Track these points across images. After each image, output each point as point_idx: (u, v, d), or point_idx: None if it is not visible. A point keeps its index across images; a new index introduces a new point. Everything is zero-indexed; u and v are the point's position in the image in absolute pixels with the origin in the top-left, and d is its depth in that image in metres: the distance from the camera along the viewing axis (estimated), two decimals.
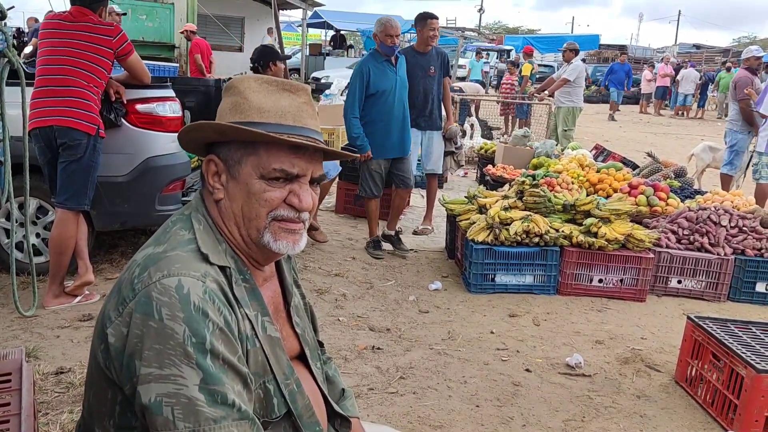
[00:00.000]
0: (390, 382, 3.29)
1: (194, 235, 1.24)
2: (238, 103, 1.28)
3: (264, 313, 1.29)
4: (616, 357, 3.74)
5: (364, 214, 6.35)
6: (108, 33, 3.77)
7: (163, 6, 15.62)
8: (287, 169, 1.25)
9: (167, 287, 1.11)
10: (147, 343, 1.09)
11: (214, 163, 1.29)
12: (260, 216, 1.26)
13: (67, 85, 3.67)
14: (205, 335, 1.09)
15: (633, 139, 15.04)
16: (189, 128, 1.28)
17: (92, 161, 3.75)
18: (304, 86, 1.34)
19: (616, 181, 6.00)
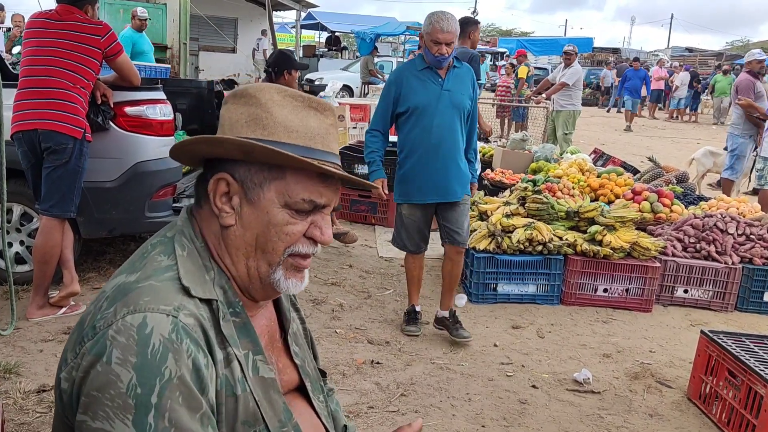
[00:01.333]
0: (390, 399, 3.14)
1: (175, 261, 1.07)
2: (260, 116, 1.10)
3: (256, 351, 1.12)
4: (625, 372, 3.60)
5: (361, 220, 6.22)
6: (96, 32, 3.61)
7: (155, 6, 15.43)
8: (315, 200, 1.10)
9: (128, 326, 0.94)
10: (86, 387, 0.93)
11: (226, 182, 1.11)
12: (277, 251, 1.11)
13: (52, 87, 3.50)
14: (154, 386, 0.91)
15: (629, 143, 14.95)
16: (200, 141, 1.09)
17: (78, 166, 3.58)
18: (330, 106, 1.17)
19: (617, 186, 5.87)
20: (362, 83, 17.33)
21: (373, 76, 16.58)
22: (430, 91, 3.63)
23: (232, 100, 1.14)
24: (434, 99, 3.62)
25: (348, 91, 18.46)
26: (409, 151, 3.71)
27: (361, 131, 10.59)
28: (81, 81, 3.57)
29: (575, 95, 9.45)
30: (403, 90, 3.66)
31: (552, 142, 9.36)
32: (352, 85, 18.76)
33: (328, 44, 27.32)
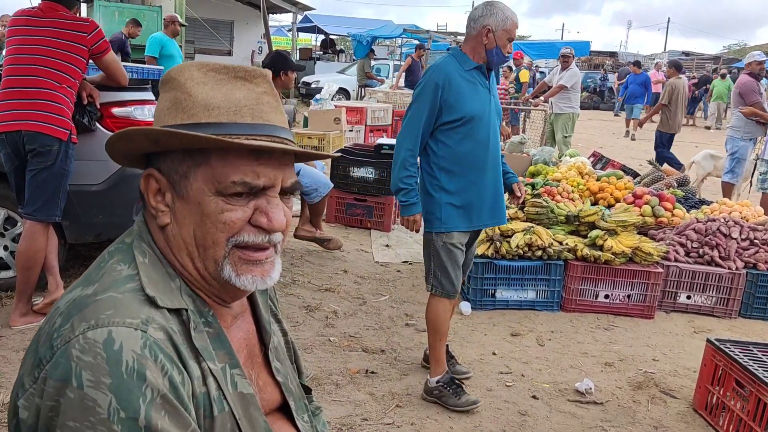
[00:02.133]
0: (385, 411, 3.02)
1: (136, 270, 0.95)
2: (179, 99, 0.98)
3: (233, 364, 1.00)
4: (628, 381, 3.49)
5: (356, 224, 6.10)
6: (82, 29, 3.49)
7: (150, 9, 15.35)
8: (250, 181, 0.96)
9: (92, 343, 0.83)
10: (61, 418, 0.81)
11: (155, 178, 1.00)
12: (218, 243, 0.97)
13: (37, 87, 3.38)
14: (139, 407, 0.81)
15: (628, 146, 14.87)
16: (116, 138, 0.98)
17: (64, 169, 3.46)
18: (262, 71, 1.03)
19: (617, 190, 5.76)
20: (359, 86, 17.24)
21: (369, 79, 16.48)
22: (482, 97, 3.04)
23: (161, 88, 1.03)
24: (486, 106, 3.05)
25: (344, 93, 18.36)
26: (461, 168, 3.03)
27: (357, 134, 10.50)
28: (67, 80, 3.45)
29: (574, 98, 9.37)
30: (452, 94, 2.97)
31: (550, 144, 9.27)
32: (348, 88, 18.66)
33: (323, 47, 27.23)
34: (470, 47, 3.06)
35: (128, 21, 10.94)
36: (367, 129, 10.67)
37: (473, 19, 3.06)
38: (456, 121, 2.98)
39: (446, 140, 3.03)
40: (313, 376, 3.23)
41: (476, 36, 3.03)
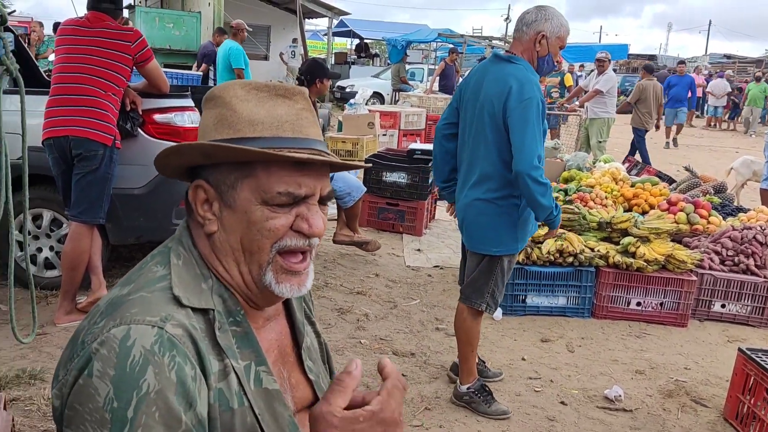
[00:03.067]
0: (414, 413, 3.07)
1: (169, 271, 1.03)
2: (225, 116, 1.06)
3: (259, 362, 1.07)
4: (658, 389, 3.48)
5: (388, 228, 6.17)
6: (127, 38, 3.63)
7: (190, 15, 15.69)
8: (293, 191, 1.03)
9: (112, 339, 0.91)
10: (69, 400, 0.91)
11: (203, 189, 1.07)
12: (263, 249, 1.05)
13: (83, 94, 3.53)
14: (130, 400, 0.88)
15: (664, 152, 14.65)
16: (167, 152, 1.06)
17: (108, 173, 3.60)
18: (300, 89, 1.11)
19: (652, 196, 5.72)
20: (393, 90, 17.32)
21: (403, 83, 16.56)
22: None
23: (205, 106, 1.11)
24: None
25: (379, 98, 18.47)
26: None
27: (391, 138, 10.57)
28: (112, 87, 3.60)
29: (609, 102, 9.29)
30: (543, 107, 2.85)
31: (585, 150, 9.21)
32: (382, 92, 18.77)
33: (358, 51, 27.40)
34: (520, 53, 2.93)
35: (215, 30, 11.01)
36: (401, 133, 10.73)
37: (526, 24, 2.91)
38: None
39: None
40: None
41: (528, 41, 2.91)
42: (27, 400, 2.88)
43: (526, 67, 2.89)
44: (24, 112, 2.11)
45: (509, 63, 2.92)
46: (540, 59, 2.92)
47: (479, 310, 3.08)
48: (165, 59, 13.48)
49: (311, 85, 4.84)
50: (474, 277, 3.09)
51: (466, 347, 3.17)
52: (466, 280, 3.16)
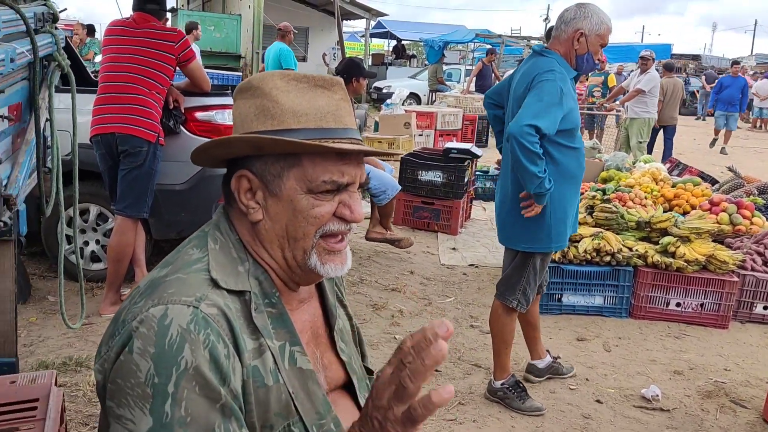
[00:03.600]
0: (448, 408, 3.09)
1: (206, 254, 1.08)
2: (266, 107, 1.09)
3: (293, 342, 1.11)
4: (697, 390, 3.43)
5: (423, 226, 6.19)
6: (171, 39, 3.73)
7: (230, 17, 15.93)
8: (337, 180, 1.08)
9: (150, 318, 0.96)
10: (112, 375, 0.95)
11: (247, 179, 1.11)
12: (308, 235, 1.09)
13: (129, 92, 3.64)
14: (170, 375, 0.92)
15: (709, 153, 14.33)
16: (211, 145, 1.11)
17: (152, 169, 3.71)
18: (337, 80, 1.14)
19: (693, 197, 5.61)
20: (429, 91, 17.33)
21: (440, 84, 16.55)
22: (578, 107, 2.94)
23: (240, 96, 1.13)
24: (579, 117, 2.95)
25: (415, 98, 18.49)
26: (564, 181, 2.88)
27: (427, 138, 10.58)
28: (156, 86, 3.71)
29: (651, 102, 9.13)
30: (568, 101, 2.80)
31: (625, 150, 9.07)
32: (419, 93, 18.79)
33: (395, 52, 27.46)
34: (561, 52, 2.90)
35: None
36: (437, 133, 10.74)
37: (564, 21, 2.88)
38: (567, 130, 2.83)
39: (561, 151, 2.87)
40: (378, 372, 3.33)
41: (567, 40, 2.88)
42: (73, 386, 2.99)
43: (558, 61, 2.87)
44: (74, 108, 2.20)
45: (541, 56, 2.93)
46: (579, 57, 2.88)
47: (510, 307, 3.08)
48: (206, 61, 13.70)
49: (347, 84, 4.90)
50: (507, 274, 3.10)
51: (499, 344, 3.18)
52: (501, 275, 3.18)
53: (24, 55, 1.76)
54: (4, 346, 2.01)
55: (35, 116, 1.96)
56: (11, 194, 1.71)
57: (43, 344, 3.42)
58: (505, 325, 3.14)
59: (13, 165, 1.85)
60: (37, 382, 1.53)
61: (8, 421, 1.40)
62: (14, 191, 1.75)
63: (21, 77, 1.97)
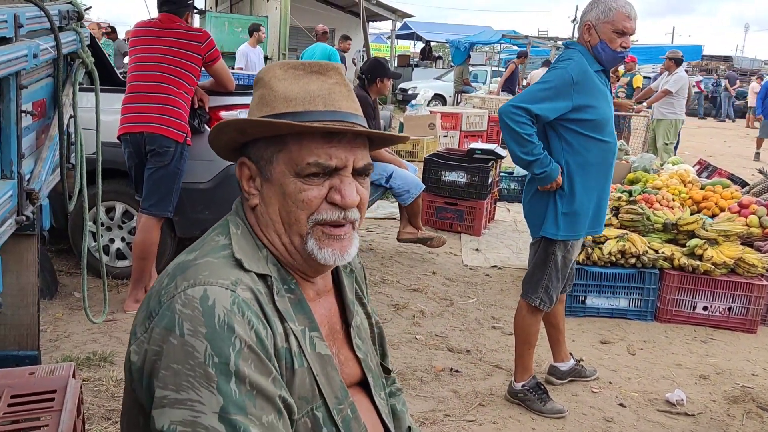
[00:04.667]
0: (468, 409, 3.07)
1: (230, 240, 1.10)
2: (264, 95, 1.13)
3: (312, 327, 1.12)
4: (723, 395, 3.36)
5: (446, 227, 6.16)
6: (197, 39, 3.77)
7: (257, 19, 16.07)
8: (323, 162, 1.07)
9: (191, 298, 0.97)
10: (164, 361, 0.95)
11: (246, 165, 1.14)
12: (300, 220, 1.10)
13: (157, 92, 3.69)
14: (229, 354, 0.94)
15: (739, 155, 14.05)
16: (214, 133, 1.13)
17: (178, 168, 3.75)
18: (335, 65, 1.16)
19: (723, 199, 5.49)
20: (455, 92, 17.27)
21: (466, 85, 16.48)
22: (609, 101, 2.91)
23: (254, 88, 1.17)
24: (611, 111, 2.94)
25: (441, 99, 18.45)
26: (582, 171, 2.87)
27: (452, 139, 10.55)
28: (184, 86, 3.74)
29: (678, 104, 8.98)
30: (587, 92, 2.80)
31: (652, 152, 8.94)
32: (444, 94, 18.74)
33: (422, 54, 27.45)
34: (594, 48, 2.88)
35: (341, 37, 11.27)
36: (462, 134, 10.70)
37: (581, 16, 2.95)
38: (587, 121, 2.82)
39: (571, 139, 2.87)
40: (398, 372, 3.32)
41: (582, 35, 2.91)
42: (96, 381, 3.03)
43: (582, 52, 2.88)
44: (98, 106, 2.23)
45: (567, 49, 3.01)
46: (594, 48, 2.87)
47: (534, 305, 3.04)
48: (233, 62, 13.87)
49: (372, 84, 4.90)
50: (530, 270, 3.08)
51: (522, 345, 3.14)
52: (526, 272, 3.15)
53: (47, 51, 1.79)
54: (27, 339, 2.04)
55: (59, 113, 1.99)
56: (34, 189, 1.74)
57: (68, 339, 3.48)
58: (529, 326, 3.10)
59: (36, 160, 1.88)
60: (56, 373, 1.55)
61: (26, 411, 1.42)
62: (37, 186, 1.78)
63: (45, 74, 2.01)
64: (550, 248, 2.96)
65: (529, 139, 2.77)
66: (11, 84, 1.60)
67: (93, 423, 2.71)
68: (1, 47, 1.50)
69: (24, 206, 1.71)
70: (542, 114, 2.77)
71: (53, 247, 4.66)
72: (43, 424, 1.36)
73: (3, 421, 1.40)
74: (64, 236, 4.37)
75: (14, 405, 1.46)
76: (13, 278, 1.97)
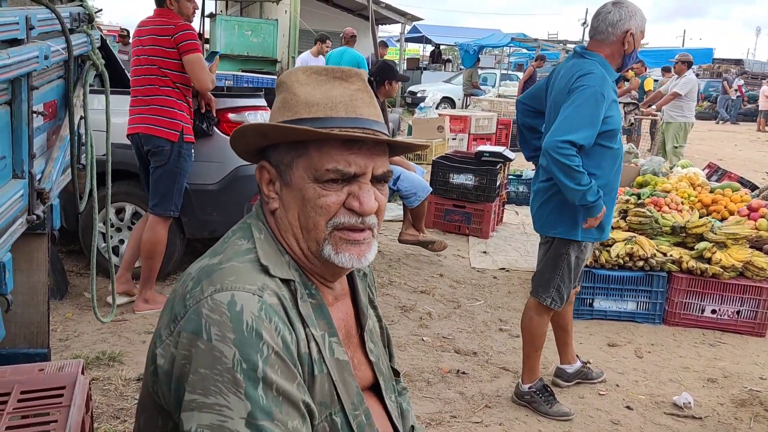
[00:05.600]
0: (474, 410, 3.07)
1: (254, 245, 1.10)
2: (286, 99, 1.13)
3: (332, 333, 1.13)
4: (730, 398, 3.34)
5: (454, 230, 6.17)
6: (167, 31, 3.63)
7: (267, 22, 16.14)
8: (342, 169, 1.08)
9: (219, 303, 0.98)
10: (193, 365, 0.96)
11: (266, 169, 1.15)
12: (318, 226, 1.10)
13: (149, 92, 3.69)
14: (257, 361, 0.95)
15: (749, 159, 13.96)
16: (235, 135, 1.14)
17: (178, 167, 3.73)
18: (357, 71, 1.16)
19: (732, 202, 5.47)
20: (464, 95, 17.27)
21: (475, 88, 16.48)
22: (619, 108, 2.97)
23: (276, 91, 1.18)
24: (621, 119, 2.99)
25: (450, 102, 18.45)
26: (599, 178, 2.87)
27: (461, 142, 10.55)
28: (169, 83, 3.66)
29: (687, 106, 8.94)
30: (609, 103, 2.81)
31: (661, 155, 8.91)
32: (453, 97, 18.74)
33: (432, 57, 27.47)
34: (607, 54, 2.87)
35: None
36: (471, 137, 10.70)
37: (611, 24, 2.85)
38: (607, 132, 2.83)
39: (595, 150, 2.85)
40: (405, 373, 3.33)
41: (617, 41, 2.85)
42: (105, 381, 3.05)
43: (601, 63, 2.84)
44: (108, 107, 2.26)
45: (582, 58, 2.91)
46: (626, 56, 2.88)
47: (544, 304, 3.03)
48: (243, 65, 13.93)
49: (380, 86, 4.92)
50: (541, 269, 3.06)
51: (529, 346, 3.14)
52: (535, 270, 3.14)
53: (59, 53, 1.81)
54: (37, 336, 2.06)
55: (69, 114, 2.02)
56: (45, 188, 1.77)
57: (78, 339, 3.51)
58: (537, 326, 3.09)
59: (47, 160, 1.91)
60: (65, 370, 1.57)
61: (36, 407, 1.44)
62: (48, 186, 1.80)
63: (56, 76, 2.03)
64: (564, 248, 2.95)
65: (579, 170, 2.73)
66: (23, 85, 1.62)
67: (102, 422, 2.73)
68: (13, 48, 1.53)
69: (35, 205, 1.73)
70: (586, 143, 2.74)
71: (64, 248, 4.70)
72: (52, 419, 1.38)
73: (13, 416, 1.42)
74: (75, 237, 4.41)
75: (24, 401, 1.48)
76: (24, 277, 2.00)
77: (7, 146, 1.61)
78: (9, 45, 1.55)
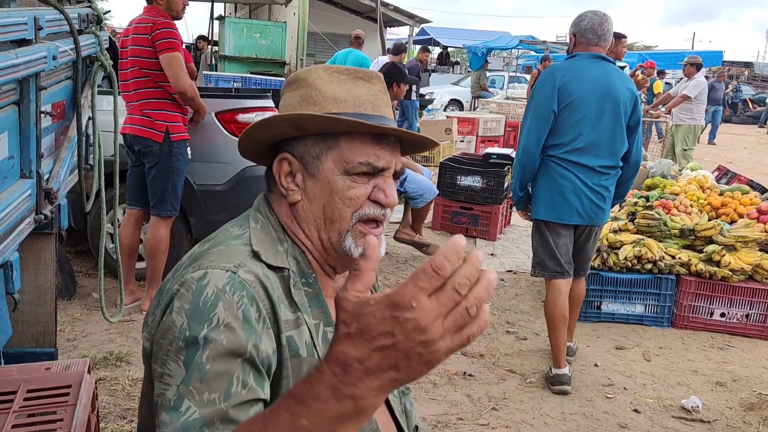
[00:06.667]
0: (481, 412, 3.07)
1: (246, 231, 1.12)
2: (309, 95, 1.15)
3: (327, 322, 1.13)
4: (739, 402, 3.32)
5: (462, 232, 6.14)
6: (146, 30, 3.56)
7: (276, 24, 16.19)
8: (373, 162, 1.12)
9: (190, 280, 1.00)
10: (156, 337, 0.99)
11: (288, 161, 1.15)
12: (344, 217, 1.13)
13: (135, 95, 3.69)
14: (201, 329, 0.94)
15: (759, 162, 13.88)
16: (255, 126, 1.14)
17: (170, 167, 3.69)
18: (377, 74, 1.20)
19: (742, 205, 5.43)
20: (472, 97, 17.25)
21: (483, 90, 16.46)
22: None
23: (287, 89, 1.19)
24: None
25: (458, 105, 18.44)
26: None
27: (469, 144, 10.55)
28: (152, 83, 3.63)
29: (697, 109, 8.89)
30: None
31: (671, 157, 8.87)
32: (461, 99, 18.73)
33: (440, 60, 27.46)
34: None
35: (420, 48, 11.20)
36: (479, 139, 10.69)
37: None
38: None
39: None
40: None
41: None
42: (113, 380, 3.07)
43: None
44: (116, 108, 2.27)
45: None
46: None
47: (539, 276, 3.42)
48: (251, 67, 13.97)
49: (388, 89, 4.90)
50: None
51: (549, 327, 3.40)
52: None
53: (67, 53, 1.82)
54: (44, 336, 2.07)
55: (77, 114, 2.03)
56: (52, 188, 1.77)
57: (85, 339, 3.52)
58: (547, 303, 3.40)
59: (55, 160, 1.92)
60: (71, 369, 1.58)
61: (42, 405, 1.45)
62: (55, 186, 1.81)
63: (64, 76, 2.04)
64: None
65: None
66: (31, 85, 1.63)
67: (109, 422, 2.74)
68: (21, 48, 1.54)
69: (42, 205, 1.74)
70: None
71: (73, 249, 4.72)
72: (59, 417, 1.39)
73: (19, 415, 1.42)
74: (83, 238, 4.43)
75: (30, 399, 1.49)
76: (31, 276, 2.01)
77: (15, 146, 1.62)
78: (17, 45, 1.56)
